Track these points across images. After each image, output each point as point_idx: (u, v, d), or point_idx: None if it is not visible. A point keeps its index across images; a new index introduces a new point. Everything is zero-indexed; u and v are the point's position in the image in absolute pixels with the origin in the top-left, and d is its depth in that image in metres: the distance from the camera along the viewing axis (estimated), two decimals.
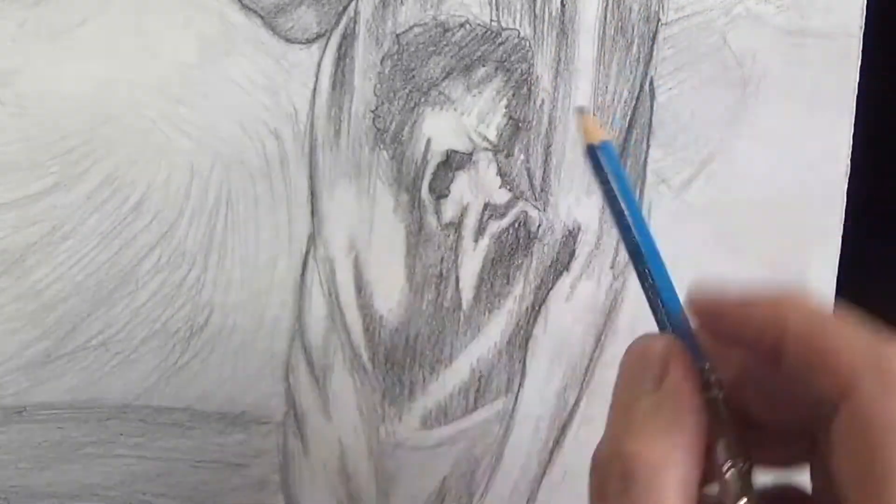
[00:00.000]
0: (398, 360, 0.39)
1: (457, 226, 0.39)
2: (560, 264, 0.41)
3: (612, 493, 0.23)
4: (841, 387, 0.22)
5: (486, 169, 0.39)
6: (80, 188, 0.35)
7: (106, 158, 0.35)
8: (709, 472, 0.24)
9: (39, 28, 0.34)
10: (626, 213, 0.31)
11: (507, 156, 0.39)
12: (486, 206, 0.39)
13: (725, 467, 0.24)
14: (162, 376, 0.37)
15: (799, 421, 0.25)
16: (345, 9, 0.37)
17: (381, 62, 0.37)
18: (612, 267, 0.42)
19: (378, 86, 0.38)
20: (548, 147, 0.40)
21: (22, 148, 0.34)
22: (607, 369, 0.42)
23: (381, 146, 0.38)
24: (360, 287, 0.39)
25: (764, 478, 0.25)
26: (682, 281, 0.42)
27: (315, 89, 0.37)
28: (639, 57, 0.40)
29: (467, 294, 0.40)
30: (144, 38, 0.35)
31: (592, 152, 0.32)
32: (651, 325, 0.42)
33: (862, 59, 0.43)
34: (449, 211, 0.39)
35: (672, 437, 0.23)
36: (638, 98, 0.41)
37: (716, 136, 0.42)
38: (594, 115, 0.37)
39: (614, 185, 0.31)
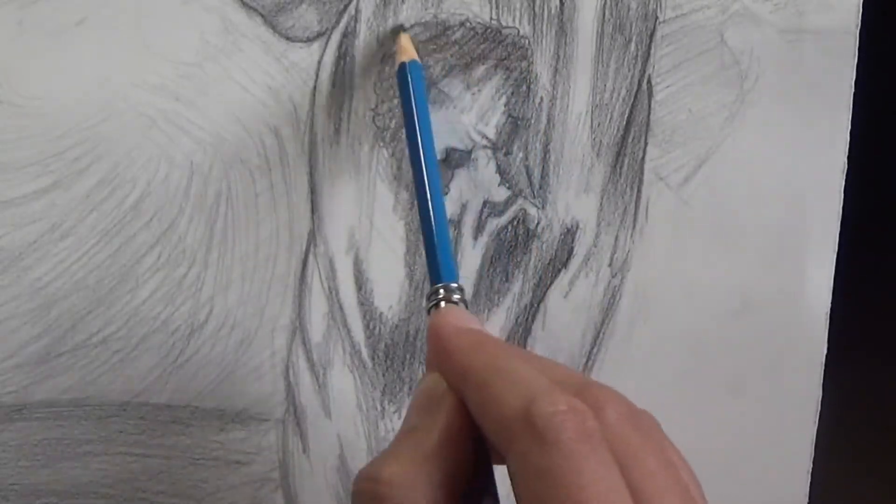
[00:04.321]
0: (398, 357, 0.39)
1: (456, 223, 0.39)
2: (558, 262, 0.41)
3: None
4: (501, 441, 0.23)
5: (485, 167, 0.39)
6: (80, 186, 0.35)
7: (105, 156, 0.35)
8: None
9: (38, 26, 0.34)
10: (418, 136, 0.33)
11: (506, 154, 0.39)
12: (484, 203, 0.40)
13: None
14: (162, 374, 0.37)
15: None
16: (346, 7, 0.37)
17: (382, 61, 0.38)
18: (609, 264, 0.42)
19: (378, 84, 0.38)
20: (546, 145, 0.40)
21: (21, 146, 0.34)
22: (606, 366, 0.42)
23: (381, 144, 0.38)
24: (361, 284, 0.39)
25: None
26: (681, 277, 0.42)
27: (315, 87, 0.37)
28: (637, 55, 0.40)
29: (467, 291, 0.40)
30: (144, 36, 0.35)
31: (403, 69, 0.35)
32: (651, 325, 0.42)
33: (859, 57, 0.43)
34: (448, 208, 0.39)
35: (423, 466, 0.24)
36: (636, 96, 0.41)
37: (713, 134, 0.42)
38: (412, 36, 0.38)
39: (414, 106, 0.34)
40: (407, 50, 0.36)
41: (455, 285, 0.31)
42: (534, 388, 0.23)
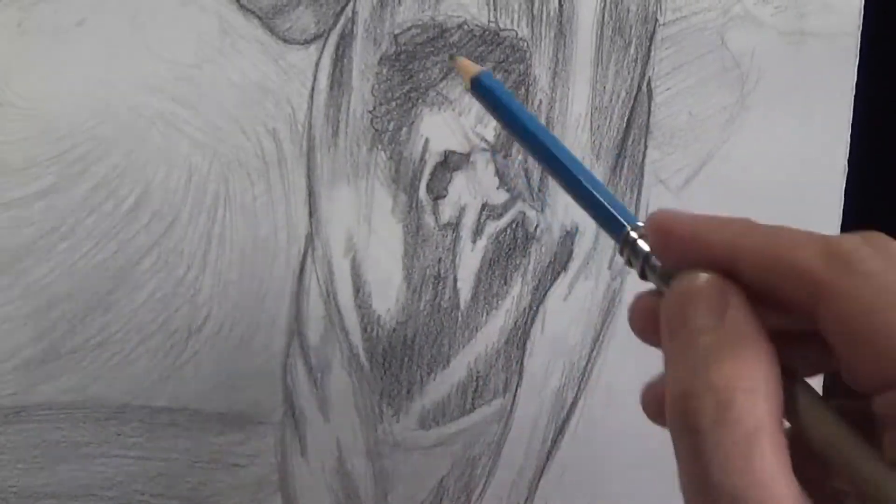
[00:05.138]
0: (396, 360, 0.39)
1: (454, 226, 0.39)
2: (558, 265, 0.41)
3: (706, 425, 0.23)
4: (810, 292, 0.23)
5: (484, 169, 0.39)
6: (78, 188, 0.35)
7: (103, 159, 0.35)
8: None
9: (38, 28, 0.34)
10: (531, 133, 0.29)
11: (505, 156, 0.39)
12: (483, 206, 0.39)
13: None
14: (160, 376, 0.37)
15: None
16: (343, 9, 0.37)
17: (379, 63, 0.37)
18: (609, 267, 0.42)
19: (376, 86, 0.38)
20: None
21: (19, 148, 0.34)
22: (606, 369, 0.42)
23: (379, 146, 0.38)
24: (358, 287, 0.39)
25: None
26: None
27: (313, 90, 0.37)
28: (636, 57, 0.40)
29: (465, 294, 0.40)
30: (142, 38, 0.35)
31: (478, 84, 0.31)
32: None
33: (860, 59, 0.43)
34: (447, 211, 0.39)
35: (760, 368, 0.23)
36: (636, 98, 0.41)
37: (714, 137, 0.42)
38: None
39: (509, 110, 0.30)
40: (468, 68, 0.31)
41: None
42: (819, 236, 0.23)
